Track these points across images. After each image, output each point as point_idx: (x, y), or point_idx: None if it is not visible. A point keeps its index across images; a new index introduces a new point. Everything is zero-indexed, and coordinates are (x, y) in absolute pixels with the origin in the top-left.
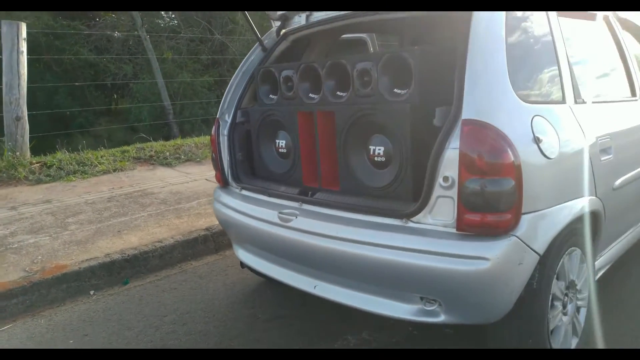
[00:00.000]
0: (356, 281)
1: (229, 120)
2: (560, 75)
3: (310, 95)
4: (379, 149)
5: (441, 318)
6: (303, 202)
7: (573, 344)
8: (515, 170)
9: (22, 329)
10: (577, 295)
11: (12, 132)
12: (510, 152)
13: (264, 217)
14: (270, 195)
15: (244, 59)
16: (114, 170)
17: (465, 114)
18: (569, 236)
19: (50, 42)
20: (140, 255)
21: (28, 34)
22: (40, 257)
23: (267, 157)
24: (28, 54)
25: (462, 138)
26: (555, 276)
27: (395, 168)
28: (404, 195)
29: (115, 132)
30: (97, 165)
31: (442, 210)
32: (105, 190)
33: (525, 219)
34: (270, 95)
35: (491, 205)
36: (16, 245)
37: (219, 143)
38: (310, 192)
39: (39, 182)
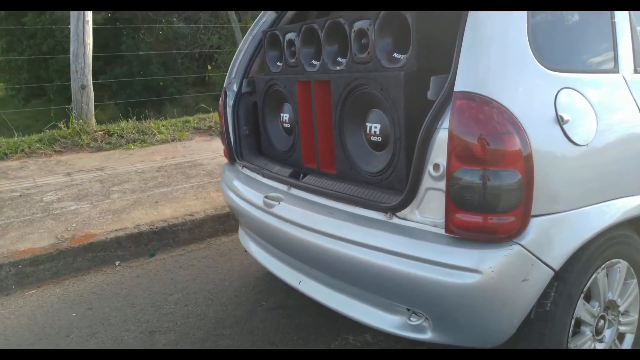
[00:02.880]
0: (337, 281)
1: (236, 90)
2: (613, 33)
3: (313, 62)
4: (376, 127)
5: (428, 335)
6: (291, 186)
7: None
8: (524, 160)
9: (39, 296)
10: (620, 319)
11: (77, 100)
12: (516, 136)
13: (253, 201)
14: (264, 175)
15: (255, 22)
16: (172, 140)
17: (459, 85)
18: (607, 245)
19: (145, 15)
20: (169, 228)
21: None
22: (74, 225)
23: (273, 133)
24: (123, 23)
25: (452, 115)
26: (581, 296)
27: (390, 151)
28: (397, 184)
29: (203, 101)
30: (156, 135)
31: (432, 205)
32: (158, 159)
33: (535, 224)
34: (278, 63)
35: (488, 204)
36: (58, 212)
37: (225, 115)
38: (301, 175)
39: (99, 149)
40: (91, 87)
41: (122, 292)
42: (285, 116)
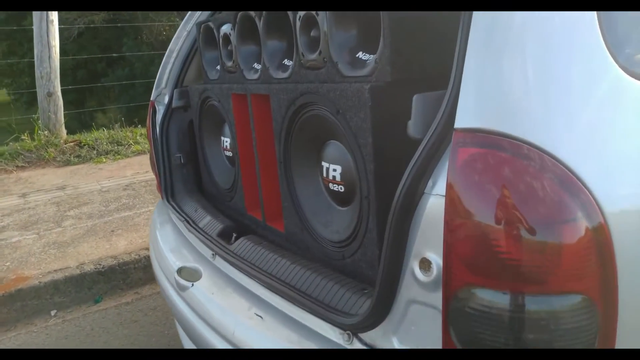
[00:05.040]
0: None
1: (167, 104)
2: None
3: (255, 65)
4: (335, 170)
5: None
6: (216, 254)
7: None
8: (599, 271)
9: None
10: None
11: (44, 109)
12: (584, 222)
13: (165, 271)
14: (189, 230)
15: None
16: (149, 151)
17: (466, 117)
18: None
19: (145, 14)
20: (119, 267)
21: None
22: (8, 264)
23: (214, 162)
24: (123, 23)
25: (453, 173)
26: None
27: (356, 210)
28: (367, 270)
29: None
30: (132, 145)
31: (420, 330)
32: (129, 174)
33: None
34: (217, 67)
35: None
36: None
37: (154, 137)
38: (233, 235)
39: (67, 163)
40: (59, 94)
41: None
42: (227, 141)
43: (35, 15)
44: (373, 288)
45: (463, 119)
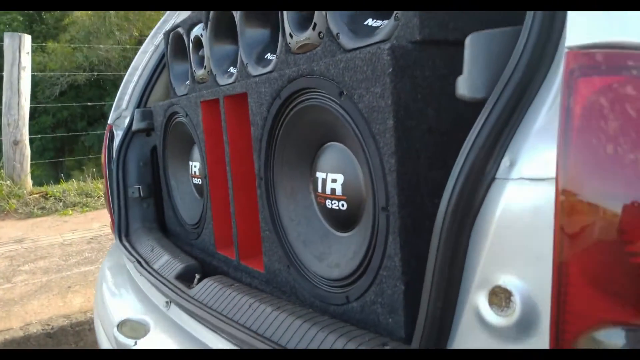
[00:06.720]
0: None
1: (126, 128)
2: None
3: (230, 69)
4: (334, 180)
5: None
6: (172, 301)
7: None
8: None
9: None
10: None
11: (9, 158)
12: None
13: (104, 325)
14: (140, 273)
15: (161, 21)
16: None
17: (585, 29)
18: None
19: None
20: (71, 328)
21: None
22: None
23: (179, 194)
24: (107, 83)
25: (571, 130)
26: None
27: (366, 233)
28: (386, 317)
29: None
30: (102, 197)
31: None
32: (96, 227)
33: None
34: (186, 82)
35: None
36: None
37: (109, 167)
38: (196, 278)
39: (29, 216)
40: (26, 142)
41: None
42: (195, 166)
43: (7, 60)
44: (397, 342)
45: (581, 32)
